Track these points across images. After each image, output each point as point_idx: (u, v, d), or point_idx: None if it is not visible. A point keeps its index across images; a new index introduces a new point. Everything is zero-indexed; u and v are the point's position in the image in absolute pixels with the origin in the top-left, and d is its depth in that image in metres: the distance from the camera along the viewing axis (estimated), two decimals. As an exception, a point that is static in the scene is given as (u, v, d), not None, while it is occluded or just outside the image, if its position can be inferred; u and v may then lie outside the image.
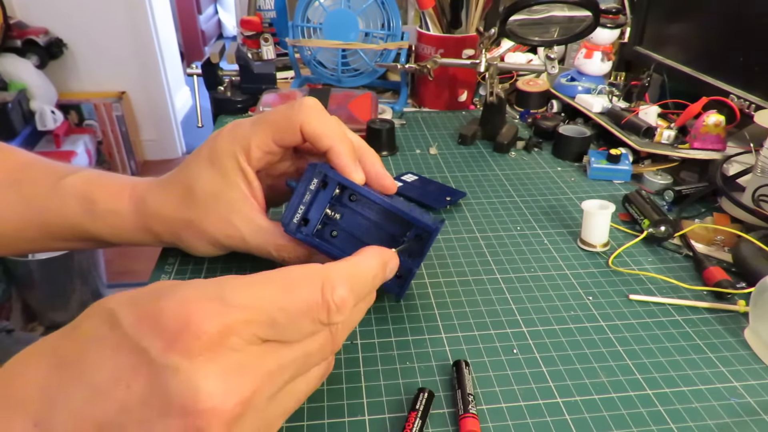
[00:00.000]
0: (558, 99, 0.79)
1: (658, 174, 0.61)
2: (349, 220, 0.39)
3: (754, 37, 0.60)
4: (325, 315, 0.25)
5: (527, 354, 0.38)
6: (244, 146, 0.38)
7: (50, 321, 1.62)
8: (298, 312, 0.25)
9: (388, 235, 0.39)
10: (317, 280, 0.26)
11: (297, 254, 0.39)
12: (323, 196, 0.37)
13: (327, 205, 0.37)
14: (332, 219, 0.38)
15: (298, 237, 0.38)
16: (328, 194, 0.37)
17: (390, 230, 0.39)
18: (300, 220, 0.37)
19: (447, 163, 0.66)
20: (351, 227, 0.39)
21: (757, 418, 0.34)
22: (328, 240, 0.39)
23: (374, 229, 0.39)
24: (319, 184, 0.37)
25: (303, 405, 0.34)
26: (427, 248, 0.38)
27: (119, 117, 2.41)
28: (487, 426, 0.33)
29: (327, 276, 0.26)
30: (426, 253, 0.38)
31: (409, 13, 1.03)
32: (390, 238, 0.39)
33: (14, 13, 2.14)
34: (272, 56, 0.83)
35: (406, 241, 0.37)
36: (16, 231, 0.43)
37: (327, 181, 0.37)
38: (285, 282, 0.25)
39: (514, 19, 0.64)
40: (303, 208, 0.37)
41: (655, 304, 0.43)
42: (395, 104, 0.85)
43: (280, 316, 0.24)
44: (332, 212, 0.38)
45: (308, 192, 0.37)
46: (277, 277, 0.25)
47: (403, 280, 0.39)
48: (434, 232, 0.37)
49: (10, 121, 1.94)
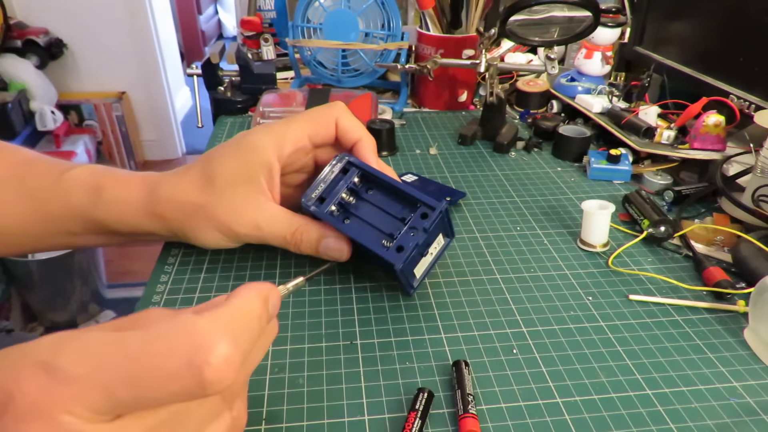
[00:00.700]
0: (558, 99, 0.79)
1: (658, 174, 0.61)
2: (362, 209, 0.42)
3: (754, 37, 0.60)
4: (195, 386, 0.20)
5: (527, 354, 0.38)
6: (277, 139, 0.41)
7: (50, 321, 1.62)
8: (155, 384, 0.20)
9: (398, 220, 0.41)
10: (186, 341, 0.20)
11: (310, 237, 0.41)
12: (342, 181, 0.42)
13: (344, 189, 0.41)
14: (347, 204, 0.42)
15: (313, 210, 0.41)
16: (347, 180, 0.42)
17: (400, 215, 0.41)
18: (318, 197, 0.41)
19: (447, 164, 0.67)
20: (364, 215, 0.42)
21: (757, 418, 0.34)
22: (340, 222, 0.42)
23: (385, 216, 0.41)
24: (340, 170, 0.42)
25: (303, 405, 0.34)
26: (429, 225, 0.39)
27: (119, 117, 2.41)
28: (486, 426, 0.33)
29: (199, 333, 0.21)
30: (429, 230, 0.39)
31: (409, 14, 1.03)
32: (400, 222, 0.41)
33: (14, 13, 2.14)
34: (272, 56, 0.83)
35: (410, 219, 0.40)
36: (20, 226, 0.42)
37: (348, 168, 0.42)
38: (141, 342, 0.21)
39: (514, 20, 0.65)
40: (323, 187, 0.42)
41: (655, 305, 0.43)
42: (395, 104, 0.85)
43: (125, 391, 0.20)
44: (348, 197, 0.42)
45: (330, 173, 0.42)
46: (131, 339, 0.21)
47: (404, 252, 0.39)
48: (437, 208, 0.39)
49: (10, 122, 1.94)
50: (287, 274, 0.46)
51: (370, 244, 0.39)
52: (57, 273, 1.54)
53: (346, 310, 0.42)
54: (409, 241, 0.39)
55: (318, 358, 0.38)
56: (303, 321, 0.41)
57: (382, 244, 0.40)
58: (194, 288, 0.44)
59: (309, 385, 0.36)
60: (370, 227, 0.41)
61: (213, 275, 0.45)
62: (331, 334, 0.40)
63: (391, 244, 0.39)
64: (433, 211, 0.39)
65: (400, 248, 0.39)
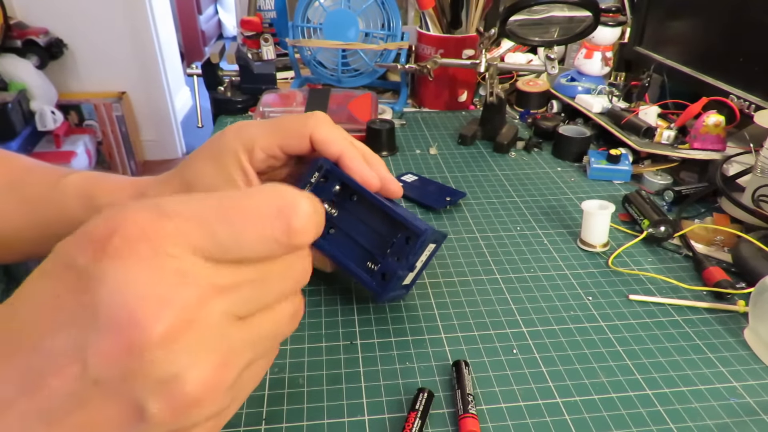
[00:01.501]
0: (558, 99, 0.79)
1: (658, 174, 0.61)
2: (345, 220, 0.39)
3: (754, 37, 0.60)
4: (283, 233, 0.22)
5: (527, 354, 0.38)
6: (247, 146, 0.39)
7: (50, 321, 1.62)
8: (249, 227, 0.21)
9: (381, 238, 0.38)
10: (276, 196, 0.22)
11: None
12: (324, 189, 0.38)
13: (327, 201, 0.38)
14: (330, 215, 0.39)
15: None
16: (329, 189, 0.38)
17: (383, 233, 0.38)
18: None
19: (447, 164, 0.67)
20: (347, 227, 0.39)
21: (757, 418, 0.34)
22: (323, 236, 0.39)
23: (368, 232, 0.39)
24: (320, 178, 0.38)
25: (303, 405, 0.34)
26: (412, 252, 0.37)
27: (119, 117, 2.41)
28: (486, 426, 0.33)
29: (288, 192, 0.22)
30: (413, 259, 0.37)
31: (409, 13, 1.03)
32: (382, 241, 0.38)
33: (14, 13, 2.14)
34: (272, 56, 0.83)
35: (395, 243, 0.38)
36: (17, 231, 0.43)
37: (328, 176, 0.38)
38: (235, 196, 0.22)
39: (514, 20, 0.65)
40: None
41: (655, 305, 0.43)
42: (395, 104, 0.85)
43: (223, 228, 0.21)
44: (330, 208, 0.39)
45: (309, 185, 0.38)
46: (226, 194, 0.22)
47: (387, 281, 0.37)
48: (422, 235, 0.36)
49: (10, 122, 1.94)
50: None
51: (354, 269, 0.38)
52: (57, 273, 1.54)
53: (346, 310, 0.42)
54: (393, 268, 0.37)
55: (318, 358, 0.38)
56: (303, 321, 0.41)
57: (366, 266, 0.38)
58: (194, 288, 0.44)
59: (309, 385, 0.36)
60: (353, 244, 0.39)
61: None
62: (331, 334, 0.40)
63: (375, 267, 0.38)
64: (418, 238, 0.36)
65: (384, 275, 0.37)
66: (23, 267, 0.68)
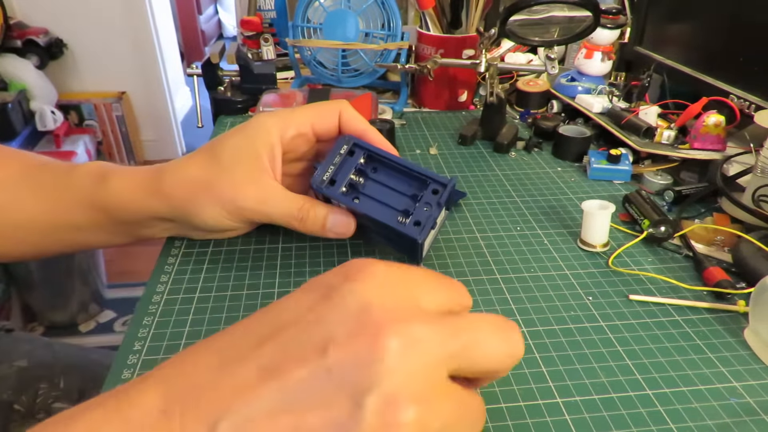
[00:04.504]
0: (558, 99, 0.79)
1: (658, 174, 0.61)
2: (371, 188, 0.44)
3: (754, 37, 0.60)
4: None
5: (527, 354, 0.38)
6: (281, 122, 0.43)
7: (50, 321, 1.62)
8: None
9: (407, 197, 0.43)
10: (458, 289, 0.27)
11: (317, 212, 0.43)
12: (350, 162, 0.43)
13: (353, 170, 0.43)
14: (356, 184, 0.43)
15: (325, 191, 0.42)
16: (354, 161, 0.43)
17: (410, 192, 0.43)
18: (329, 179, 0.43)
19: (447, 163, 0.67)
20: (374, 194, 0.43)
21: (757, 418, 0.34)
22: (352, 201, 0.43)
23: (395, 194, 0.43)
24: (347, 152, 0.43)
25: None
26: (442, 199, 0.42)
27: (119, 117, 2.41)
28: (486, 426, 0.33)
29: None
30: (443, 205, 0.42)
31: (409, 13, 1.03)
32: (411, 199, 0.43)
33: (14, 13, 2.14)
34: (272, 56, 0.83)
35: (422, 197, 0.42)
36: (29, 220, 0.44)
37: (354, 150, 0.43)
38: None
39: (514, 20, 0.64)
40: (332, 169, 0.43)
41: (655, 305, 0.43)
42: (395, 104, 0.85)
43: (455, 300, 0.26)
44: (357, 177, 0.43)
45: (338, 156, 0.43)
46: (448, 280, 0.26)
47: (422, 226, 0.41)
48: (449, 182, 0.42)
49: (10, 122, 1.94)
50: (287, 274, 0.46)
51: (387, 220, 0.42)
52: (57, 273, 1.54)
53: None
54: (425, 216, 0.41)
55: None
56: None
57: (398, 220, 0.42)
58: (194, 288, 0.44)
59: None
60: (383, 205, 0.43)
61: (213, 275, 0.45)
62: (331, 334, 0.40)
63: (406, 220, 0.42)
64: (445, 188, 0.42)
65: (417, 223, 0.41)
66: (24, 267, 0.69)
